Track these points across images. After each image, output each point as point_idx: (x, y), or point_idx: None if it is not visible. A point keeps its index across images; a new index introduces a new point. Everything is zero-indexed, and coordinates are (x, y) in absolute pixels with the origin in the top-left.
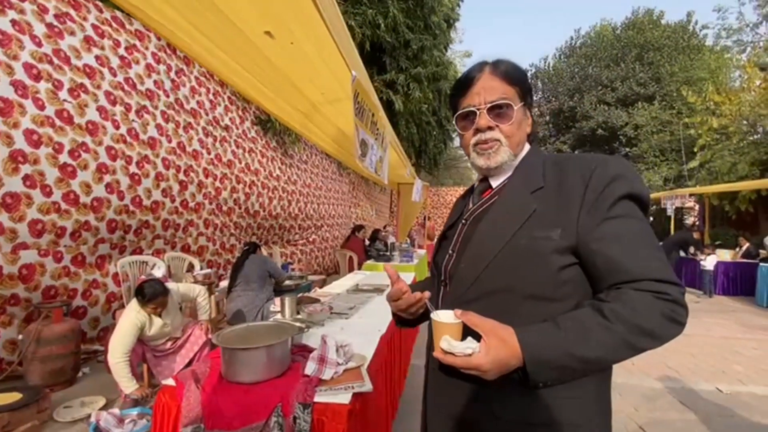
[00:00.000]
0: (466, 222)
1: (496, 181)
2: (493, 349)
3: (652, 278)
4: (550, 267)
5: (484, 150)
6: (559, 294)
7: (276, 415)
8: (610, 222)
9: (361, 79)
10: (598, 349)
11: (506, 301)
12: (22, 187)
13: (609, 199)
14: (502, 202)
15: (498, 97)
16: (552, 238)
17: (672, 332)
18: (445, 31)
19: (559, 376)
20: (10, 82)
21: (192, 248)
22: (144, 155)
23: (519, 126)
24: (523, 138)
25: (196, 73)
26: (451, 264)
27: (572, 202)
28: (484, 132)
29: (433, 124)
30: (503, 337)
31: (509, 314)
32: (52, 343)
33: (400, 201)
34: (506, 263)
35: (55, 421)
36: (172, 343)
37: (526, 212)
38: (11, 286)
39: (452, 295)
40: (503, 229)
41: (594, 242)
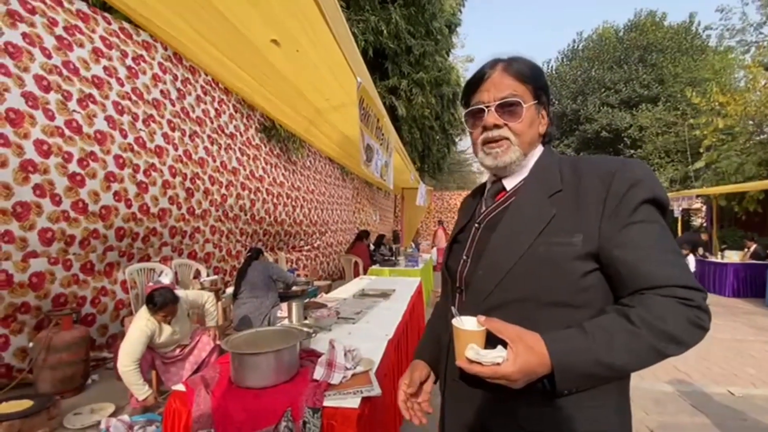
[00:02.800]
0: (480, 226)
1: (511, 183)
2: (521, 357)
3: (676, 284)
4: (571, 274)
5: (492, 149)
6: (580, 301)
7: (286, 420)
8: (633, 227)
9: (366, 85)
10: (625, 355)
11: (526, 310)
12: (32, 196)
13: (631, 204)
14: (519, 206)
15: (507, 94)
16: (573, 244)
17: (696, 338)
18: (447, 36)
19: (586, 382)
20: (21, 94)
21: (199, 255)
22: (151, 163)
23: (530, 125)
24: (535, 138)
25: (201, 82)
26: (466, 271)
27: (593, 207)
28: (491, 130)
29: (436, 128)
30: (530, 344)
31: (530, 322)
32: (62, 351)
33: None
34: (526, 271)
35: (65, 428)
36: (181, 350)
37: (545, 218)
38: (22, 294)
39: (470, 303)
40: (522, 235)
41: (616, 248)
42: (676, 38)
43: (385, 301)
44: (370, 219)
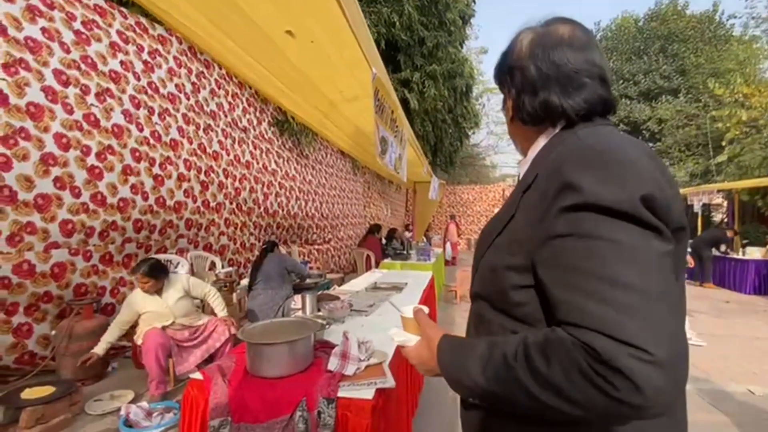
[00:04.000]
0: None
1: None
2: (419, 348)
3: (588, 326)
4: (504, 284)
5: None
6: (517, 313)
7: (301, 410)
8: (554, 243)
9: (381, 76)
10: (494, 384)
11: (481, 307)
12: (52, 188)
13: (554, 212)
14: (506, 201)
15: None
16: (510, 252)
17: (594, 401)
18: (461, 27)
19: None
20: (41, 88)
21: (214, 247)
22: (166, 157)
23: (510, 122)
24: (517, 131)
25: (215, 76)
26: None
27: (536, 212)
28: None
29: (449, 122)
30: (429, 340)
31: (482, 320)
32: (83, 339)
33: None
34: (482, 270)
35: (86, 414)
36: (190, 333)
37: (508, 216)
38: (44, 284)
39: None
40: (491, 233)
41: (539, 266)
42: (699, 27)
43: (397, 294)
44: (381, 213)
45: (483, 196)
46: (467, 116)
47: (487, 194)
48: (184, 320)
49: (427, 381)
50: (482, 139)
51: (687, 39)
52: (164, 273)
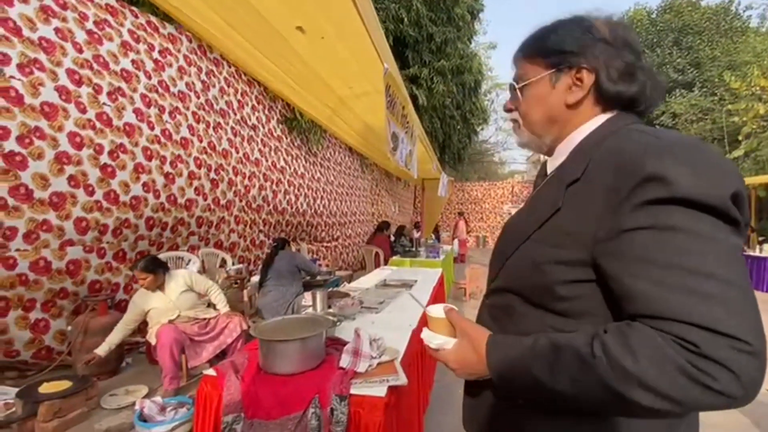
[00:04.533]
0: None
1: (552, 165)
2: (461, 350)
3: (678, 318)
4: (550, 279)
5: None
6: (561, 308)
7: (314, 407)
8: (633, 235)
9: (393, 71)
10: (567, 383)
11: (509, 301)
12: (67, 186)
13: (634, 204)
14: (539, 193)
15: (514, 77)
16: (561, 246)
17: (694, 395)
18: (469, 22)
19: (533, 399)
20: (55, 88)
21: (224, 244)
22: (177, 155)
23: (537, 103)
24: (553, 113)
25: (225, 74)
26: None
27: (595, 205)
28: (510, 112)
29: (457, 118)
30: (472, 342)
31: (510, 314)
32: (98, 335)
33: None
34: (516, 264)
35: (102, 408)
36: (200, 327)
37: (550, 211)
38: (60, 281)
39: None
40: (526, 225)
41: (607, 259)
42: (714, 19)
43: (407, 291)
44: (388, 210)
45: (492, 193)
46: (476, 112)
47: (496, 191)
48: (189, 313)
49: (439, 379)
50: (491, 136)
51: (702, 31)
52: (162, 268)
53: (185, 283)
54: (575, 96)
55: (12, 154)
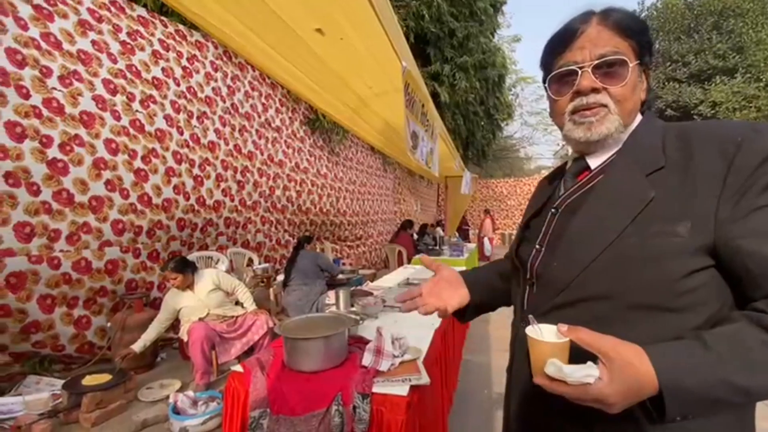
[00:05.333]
0: (557, 211)
1: (597, 160)
2: (620, 375)
3: None
4: (671, 272)
5: (586, 117)
6: (680, 304)
7: (337, 404)
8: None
9: (412, 70)
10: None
11: (604, 310)
12: (104, 190)
13: (764, 181)
14: (607, 186)
15: (608, 50)
16: (678, 234)
17: None
18: (492, 16)
19: (707, 408)
20: (92, 97)
21: (251, 244)
22: (205, 158)
23: (633, 89)
24: (637, 105)
25: (249, 78)
26: (539, 261)
27: (707, 187)
28: (587, 95)
29: (481, 114)
30: (630, 360)
31: (605, 325)
32: (134, 330)
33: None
34: (611, 266)
35: (139, 400)
36: (228, 325)
37: (641, 201)
38: (99, 279)
39: (540, 298)
40: (609, 222)
41: (742, 238)
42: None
43: None
44: (411, 209)
45: (518, 190)
46: (500, 107)
47: (522, 187)
48: (218, 311)
49: (462, 379)
50: (516, 131)
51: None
52: (191, 267)
53: (213, 282)
54: (644, 95)
55: (55, 161)
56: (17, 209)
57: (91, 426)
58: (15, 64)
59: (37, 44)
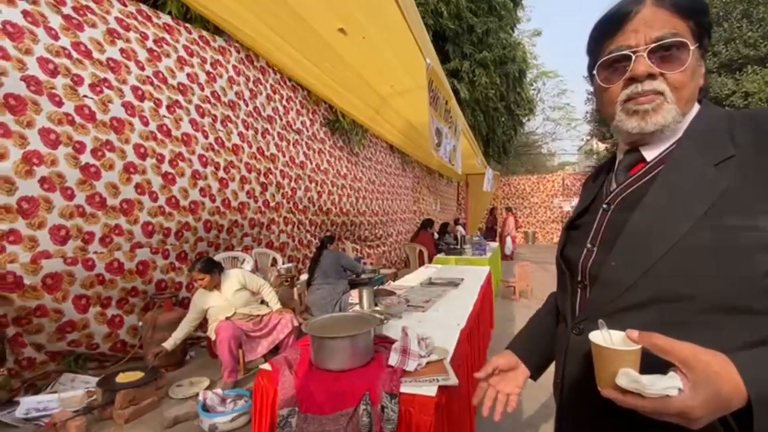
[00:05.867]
0: (610, 206)
1: (654, 151)
2: (705, 386)
3: None
4: (753, 269)
5: (640, 105)
6: (763, 305)
7: (365, 403)
8: None
9: (435, 66)
10: None
11: (676, 314)
12: (134, 194)
13: None
14: (671, 177)
15: (666, 33)
16: (759, 228)
17: None
18: (511, 10)
19: None
20: (121, 104)
21: (275, 244)
22: (229, 161)
23: (692, 75)
24: (695, 92)
25: (271, 81)
26: (592, 261)
27: None
28: (642, 82)
29: (501, 110)
30: (715, 369)
31: (686, 330)
32: (165, 329)
33: (469, 192)
34: (682, 263)
35: (169, 397)
36: (254, 324)
37: (712, 192)
38: (131, 280)
39: (597, 301)
40: (676, 215)
41: None
42: None
43: (453, 289)
44: (430, 208)
45: (541, 187)
46: (521, 103)
47: (545, 184)
48: (244, 310)
49: None
50: (537, 126)
51: None
52: (217, 268)
53: (239, 282)
54: (702, 81)
55: (88, 166)
56: (53, 213)
57: (124, 422)
58: (47, 73)
59: (68, 53)
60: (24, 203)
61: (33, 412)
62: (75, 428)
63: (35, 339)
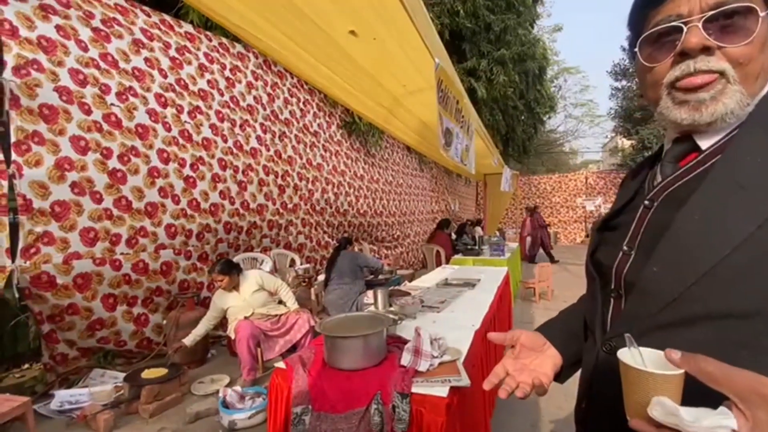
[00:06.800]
0: (653, 203)
1: (710, 139)
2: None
3: None
4: None
5: (694, 95)
6: None
7: (376, 403)
8: None
9: (445, 66)
10: None
11: (739, 333)
12: (158, 197)
13: None
14: (731, 169)
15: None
16: None
17: None
18: (530, 6)
19: None
20: (146, 111)
21: (293, 245)
22: (248, 164)
23: (762, 48)
24: (766, 69)
25: (288, 85)
26: (629, 267)
27: None
28: (695, 58)
29: (521, 108)
30: None
31: (749, 355)
32: (187, 327)
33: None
34: (744, 271)
35: (192, 393)
36: (272, 323)
37: None
38: (156, 280)
39: (633, 314)
40: (738, 213)
41: None
42: None
43: (470, 290)
44: (448, 208)
45: (563, 186)
46: (541, 101)
47: (567, 183)
48: (262, 310)
49: None
50: (559, 124)
51: None
52: (236, 269)
53: (257, 282)
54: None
55: (115, 171)
56: (83, 216)
57: (149, 417)
58: (77, 83)
59: (96, 64)
60: (57, 207)
61: (66, 405)
62: (104, 421)
63: (67, 336)
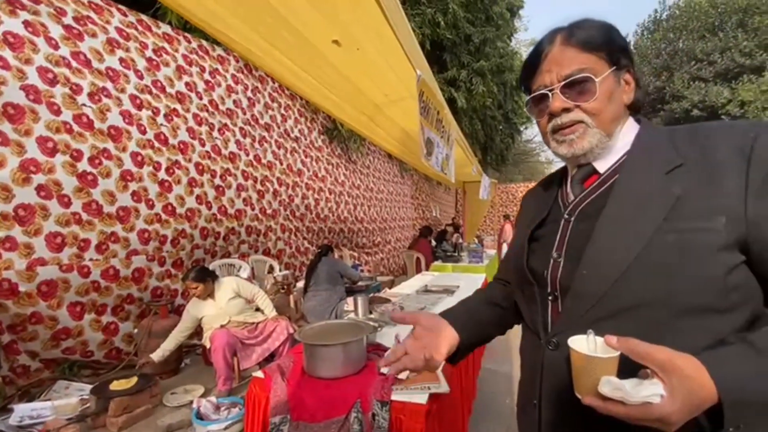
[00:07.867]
0: (571, 218)
1: (605, 163)
2: (681, 391)
3: None
4: (715, 269)
5: (565, 136)
6: (728, 303)
7: (356, 411)
8: None
9: (426, 78)
10: None
11: (653, 318)
12: (131, 201)
13: None
14: (627, 186)
15: (573, 70)
16: (716, 229)
17: None
18: (509, 20)
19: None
20: (119, 112)
21: (272, 251)
22: (226, 168)
23: (609, 99)
24: (619, 111)
25: (269, 90)
26: (561, 272)
27: (731, 182)
28: (560, 115)
29: (499, 118)
30: (689, 373)
31: (661, 335)
32: (160, 336)
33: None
34: (651, 268)
35: (164, 405)
36: (249, 331)
37: (668, 197)
38: (127, 287)
39: (571, 313)
40: (638, 222)
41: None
42: None
43: (449, 297)
44: (429, 215)
45: None
46: (518, 111)
47: None
48: (239, 318)
49: (482, 388)
50: (535, 135)
51: None
52: (211, 276)
53: (232, 290)
54: (629, 96)
55: (85, 174)
56: (49, 220)
57: (117, 430)
58: (47, 82)
59: (67, 63)
60: (21, 210)
61: (27, 420)
62: None
63: (30, 346)
